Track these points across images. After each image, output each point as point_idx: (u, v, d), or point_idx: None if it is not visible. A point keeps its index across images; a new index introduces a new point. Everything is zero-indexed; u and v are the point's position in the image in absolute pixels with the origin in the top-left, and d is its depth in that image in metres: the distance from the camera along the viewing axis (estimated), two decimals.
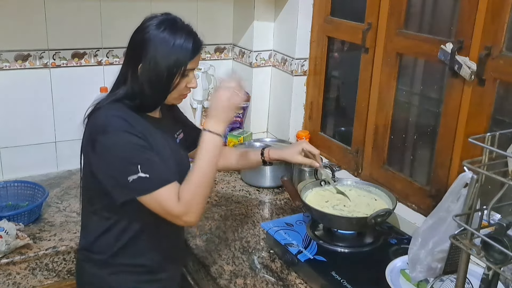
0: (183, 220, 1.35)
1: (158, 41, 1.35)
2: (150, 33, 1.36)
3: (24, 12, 2.07)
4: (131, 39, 1.41)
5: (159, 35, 1.36)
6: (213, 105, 1.42)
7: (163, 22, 1.38)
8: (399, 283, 1.43)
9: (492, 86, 1.50)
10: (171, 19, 1.41)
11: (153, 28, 1.37)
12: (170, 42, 1.36)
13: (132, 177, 1.30)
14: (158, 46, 1.35)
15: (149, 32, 1.37)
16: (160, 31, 1.36)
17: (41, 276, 1.71)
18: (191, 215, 1.34)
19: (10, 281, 1.65)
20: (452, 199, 1.14)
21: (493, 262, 0.95)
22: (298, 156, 1.72)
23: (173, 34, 1.37)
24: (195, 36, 1.42)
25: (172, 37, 1.36)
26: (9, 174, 2.19)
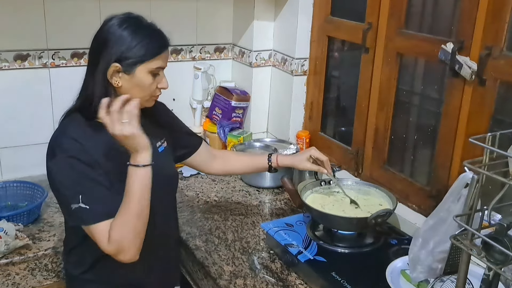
0: (118, 258, 1.30)
1: (119, 40, 1.31)
2: (110, 33, 1.32)
3: (23, 11, 2.07)
4: (92, 41, 1.37)
5: (119, 34, 1.32)
6: (120, 140, 1.29)
7: (125, 20, 1.35)
8: (399, 284, 1.43)
9: (492, 86, 1.50)
10: (133, 18, 1.37)
11: (114, 28, 1.33)
12: (130, 39, 1.31)
13: (74, 205, 1.28)
14: (118, 45, 1.31)
15: (109, 32, 1.33)
16: (121, 29, 1.32)
17: (40, 277, 1.70)
18: (124, 254, 1.29)
19: (10, 281, 1.65)
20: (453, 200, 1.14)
21: (494, 262, 0.95)
22: (306, 162, 1.71)
23: (134, 32, 1.32)
24: (160, 33, 1.38)
25: (133, 35, 1.32)
26: (8, 174, 2.19)
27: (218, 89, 2.60)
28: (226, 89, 2.55)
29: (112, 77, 1.33)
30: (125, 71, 1.33)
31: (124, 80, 1.34)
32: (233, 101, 2.49)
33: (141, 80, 1.34)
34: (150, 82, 1.36)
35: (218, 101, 2.56)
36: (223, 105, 2.53)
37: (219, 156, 1.78)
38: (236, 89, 2.56)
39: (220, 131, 2.48)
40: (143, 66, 1.33)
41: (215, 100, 2.59)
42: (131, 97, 1.29)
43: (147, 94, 1.38)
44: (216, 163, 1.76)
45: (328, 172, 1.72)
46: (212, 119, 2.59)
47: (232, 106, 2.50)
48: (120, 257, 1.30)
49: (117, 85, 1.34)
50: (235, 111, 2.52)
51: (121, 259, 1.30)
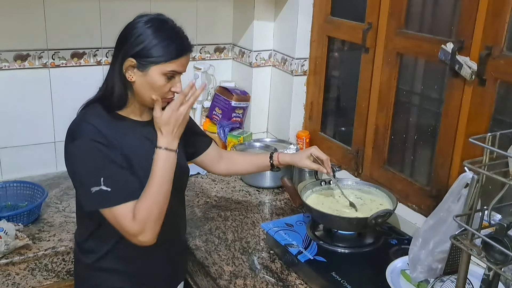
0: (138, 239, 1.32)
1: (140, 36, 1.33)
2: (134, 28, 1.35)
3: (23, 11, 2.07)
4: (119, 34, 1.40)
5: (142, 31, 1.34)
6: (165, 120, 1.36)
7: (152, 20, 1.37)
8: (399, 284, 1.43)
9: (492, 86, 1.50)
10: (162, 19, 1.39)
11: (140, 25, 1.35)
12: (151, 39, 1.33)
13: (94, 188, 1.30)
14: (138, 41, 1.33)
15: (134, 27, 1.35)
16: (146, 27, 1.34)
17: (40, 277, 1.70)
18: (146, 234, 1.32)
19: (10, 281, 1.65)
20: (453, 200, 1.14)
21: (494, 262, 0.95)
22: (307, 160, 1.71)
23: (156, 31, 1.34)
24: (183, 38, 1.39)
25: (154, 35, 1.34)
26: (8, 174, 2.19)
27: (218, 89, 2.60)
28: (226, 89, 2.55)
29: (127, 71, 1.36)
30: (139, 68, 1.35)
31: (137, 76, 1.36)
32: (233, 101, 2.49)
33: (153, 80, 1.36)
34: (163, 84, 1.37)
35: (218, 101, 2.56)
36: (223, 105, 2.53)
37: (225, 157, 1.79)
38: (236, 89, 2.56)
39: (220, 131, 2.48)
40: (157, 67, 1.35)
41: (215, 100, 2.59)
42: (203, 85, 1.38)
43: (158, 95, 1.38)
44: (222, 163, 1.77)
45: (327, 172, 1.71)
46: (212, 119, 2.59)
47: (232, 106, 2.50)
48: (140, 237, 1.31)
49: (130, 79, 1.37)
50: (235, 111, 2.52)
51: (140, 240, 1.32)
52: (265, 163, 1.77)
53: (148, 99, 1.39)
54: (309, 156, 1.72)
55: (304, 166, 1.74)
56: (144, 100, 1.40)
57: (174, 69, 1.37)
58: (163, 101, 1.40)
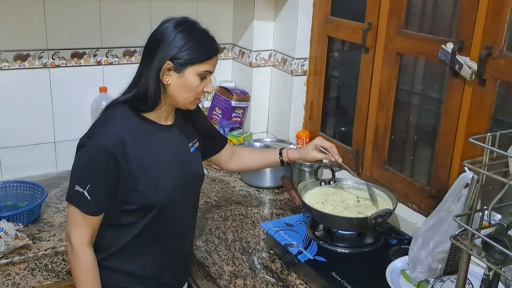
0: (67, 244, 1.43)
1: (174, 40, 1.37)
2: (166, 34, 1.38)
3: (23, 12, 2.07)
4: (148, 39, 1.43)
5: (177, 34, 1.38)
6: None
7: (181, 23, 1.40)
8: (399, 284, 1.43)
9: (492, 86, 1.50)
10: (189, 22, 1.43)
11: (170, 29, 1.39)
12: (185, 42, 1.37)
13: (78, 188, 1.36)
14: (173, 45, 1.37)
15: (165, 33, 1.39)
16: (178, 30, 1.38)
17: (40, 277, 1.70)
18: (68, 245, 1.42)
19: (10, 281, 1.65)
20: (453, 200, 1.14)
21: (494, 262, 0.95)
22: (313, 152, 1.73)
23: (188, 35, 1.38)
24: (212, 39, 1.44)
25: (187, 38, 1.38)
26: (8, 174, 2.19)
27: (218, 89, 2.60)
28: (226, 89, 2.55)
29: (163, 75, 1.39)
30: (176, 70, 1.39)
31: (173, 78, 1.40)
32: (233, 101, 2.49)
33: (189, 80, 1.40)
34: (197, 84, 1.42)
35: (218, 101, 2.56)
36: (223, 105, 2.53)
37: (236, 154, 1.82)
38: (236, 89, 2.56)
39: (220, 131, 2.48)
40: (193, 68, 1.39)
41: (215, 100, 2.59)
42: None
43: (192, 95, 1.43)
44: (234, 161, 1.81)
45: (335, 159, 1.70)
46: (212, 119, 2.59)
47: (232, 106, 2.50)
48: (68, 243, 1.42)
49: (166, 82, 1.40)
50: (235, 111, 2.52)
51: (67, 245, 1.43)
52: (275, 159, 1.80)
53: (181, 100, 1.44)
54: (315, 148, 1.73)
55: (312, 158, 1.75)
56: (177, 102, 1.45)
57: (208, 69, 1.42)
58: (195, 101, 1.47)
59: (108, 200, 1.39)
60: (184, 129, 1.56)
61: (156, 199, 1.43)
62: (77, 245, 1.39)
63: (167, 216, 1.47)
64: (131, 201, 1.41)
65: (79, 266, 1.41)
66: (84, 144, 1.38)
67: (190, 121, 1.60)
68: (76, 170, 1.40)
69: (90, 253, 1.41)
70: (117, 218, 1.43)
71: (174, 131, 1.51)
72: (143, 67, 1.42)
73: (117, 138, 1.36)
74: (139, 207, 1.42)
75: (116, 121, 1.40)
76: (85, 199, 1.36)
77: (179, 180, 1.48)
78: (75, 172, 1.40)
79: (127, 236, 1.45)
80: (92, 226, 1.40)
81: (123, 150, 1.36)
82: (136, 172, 1.39)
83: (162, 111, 1.46)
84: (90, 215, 1.38)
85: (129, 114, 1.42)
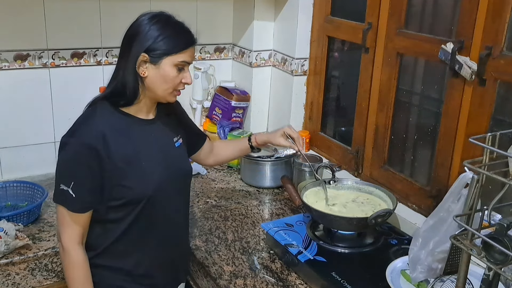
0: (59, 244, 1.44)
1: (148, 32, 1.38)
2: (141, 26, 1.39)
3: (24, 12, 2.07)
4: (124, 34, 1.43)
5: (149, 27, 1.38)
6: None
7: (156, 16, 1.41)
8: (399, 284, 1.43)
9: (492, 86, 1.50)
10: (164, 15, 1.43)
11: (144, 22, 1.39)
12: (159, 33, 1.38)
13: (62, 186, 1.38)
14: (147, 37, 1.37)
15: (140, 25, 1.39)
16: (152, 22, 1.39)
17: (40, 277, 1.70)
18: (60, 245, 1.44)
19: (10, 281, 1.65)
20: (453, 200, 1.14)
21: (494, 262, 0.95)
22: (280, 138, 1.77)
23: (163, 26, 1.39)
24: (187, 30, 1.44)
25: (162, 29, 1.38)
26: (8, 174, 2.19)
27: (218, 89, 2.60)
28: (226, 89, 2.55)
29: (140, 67, 1.40)
30: (152, 62, 1.39)
31: (150, 70, 1.40)
32: (233, 101, 2.49)
33: (166, 72, 1.41)
34: (175, 75, 1.42)
35: (218, 101, 2.56)
36: (223, 105, 2.53)
37: (213, 149, 1.85)
38: (236, 89, 2.55)
39: (220, 131, 2.48)
40: (169, 59, 1.40)
41: (215, 100, 2.59)
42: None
43: (170, 87, 1.44)
44: (211, 156, 1.84)
45: (298, 149, 1.75)
46: (212, 119, 2.59)
47: (232, 106, 2.50)
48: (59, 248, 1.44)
49: (143, 74, 1.40)
50: (235, 111, 2.52)
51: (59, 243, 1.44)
52: (245, 145, 1.83)
53: (160, 92, 1.44)
54: (283, 134, 1.77)
55: (277, 143, 1.79)
56: (156, 94, 1.44)
57: (185, 60, 1.42)
58: (174, 93, 1.46)
59: (94, 196, 1.39)
60: (168, 124, 1.56)
61: (142, 192, 1.42)
62: (67, 245, 1.40)
63: (155, 210, 1.46)
64: (118, 196, 1.41)
65: (70, 265, 1.41)
66: (66, 142, 1.39)
67: (173, 117, 1.61)
68: (60, 168, 1.41)
69: (81, 252, 1.42)
70: (105, 214, 1.43)
71: (156, 125, 1.52)
72: (120, 62, 1.43)
73: (98, 134, 1.37)
74: (126, 202, 1.42)
75: (97, 117, 1.40)
76: (70, 197, 1.36)
77: (164, 173, 1.48)
78: (59, 170, 1.41)
79: (116, 232, 1.45)
80: (81, 224, 1.41)
81: (105, 145, 1.37)
82: (120, 167, 1.39)
83: (142, 105, 1.46)
84: (77, 213, 1.39)
85: (110, 109, 1.43)
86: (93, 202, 1.40)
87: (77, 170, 1.37)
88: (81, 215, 1.40)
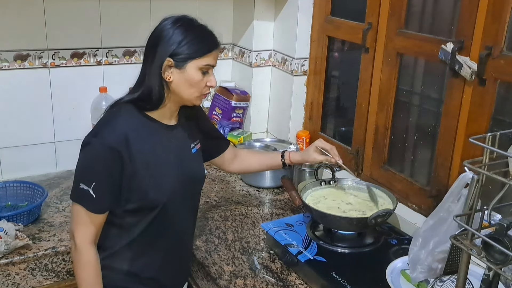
0: (71, 241, 1.43)
1: (172, 37, 1.38)
2: (165, 31, 1.39)
3: (24, 11, 2.07)
4: (148, 38, 1.43)
5: (175, 30, 1.38)
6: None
7: (179, 20, 1.41)
8: (399, 284, 1.43)
9: (492, 86, 1.50)
10: (187, 18, 1.44)
11: (168, 26, 1.39)
12: (183, 37, 1.38)
13: (83, 186, 1.37)
14: (171, 41, 1.38)
15: (163, 30, 1.39)
16: (176, 27, 1.39)
17: (40, 277, 1.70)
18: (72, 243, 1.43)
19: (10, 281, 1.65)
20: (453, 200, 1.14)
21: (494, 262, 0.95)
22: (315, 154, 1.75)
23: (186, 30, 1.39)
24: (211, 33, 1.45)
25: (186, 33, 1.38)
26: (8, 174, 2.19)
27: (218, 89, 2.60)
28: (226, 89, 2.55)
29: (165, 72, 1.40)
30: (177, 66, 1.39)
31: (175, 74, 1.40)
32: (233, 101, 2.49)
33: (191, 75, 1.40)
34: (200, 78, 1.42)
35: (218, 101, 2.56)
36: (223, 105, 2.53)
37: (238, 156, 1.82)
38: (236, 89, 2.55)
39: (220, 131, 2.48)
40: (193, 63, 1.40)
41: (215, 100, 2.59)
42: None
43: (196, 90, 1.44)
44: (235, 163, 1.82)
45: (336, 160, 1.72)
46: (212, 119, 2.59)
47: (232, 106, 2.50)
48: (72, 242, 1.43)
49: (168, 79, 1.40)
50: (235, 111, 2.52)
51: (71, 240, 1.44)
52: (277, 162, 1.81)
53: (186, 96, 1.44)
54: (316, 149, 1.75)
55: (313, 160, 1.77)
56: (182, 98, 1.45)
57: (209, 63, 1.42)
58: (200, 96, 1.47)
59: (113, 198, 1.39)
60: (187, 129, 1.56)
61: (157, 199, 1.43)
62: (81, 244, 1.39)
63: (168, 216, 1.47)
64: (134, 200, 1.41)
65: (82, 264, 1.41)
66: (89, 142, 1.38)
67: (194, 122, 1.61)
68: (81, 168, 1.40)
69: (93, 252, 1.41)
70: (121, 217, 1.43)
71: (177, 131, 1.52)
72: (145, 67, 1.42)
73: (121, 136, 1.37)
74: (141, 206, 1.42)
75: (121, 119, 1.40)
76: (90, 197, 1.36)
77: (179, 180, 1.48)
78: (80, 170, 1.40)
79: (129, 236, 1.45)
80: (97, 225, 1.40)
81: (127, 148, 1.36)
82: (139, 170, 1.39)
83: (166, 109, 1.46)
84: (95, 213, 1.39)
85: (134, 112, 1.43)
86: (112, 204, 1.40)
87: (98, 171, 1.37)
88: (98, 215, 1.39)
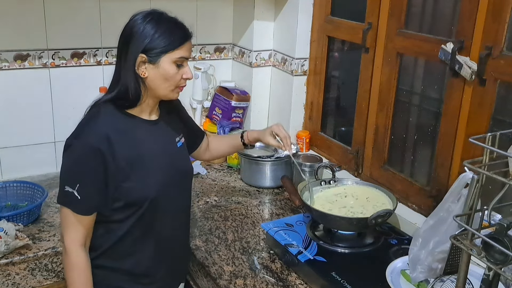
0: (62, 243, 1.44)
1: (143, 32, 1.37)
2: (135, 27, 1.39)
3: (24, 12, 2.07)
4: (120, 36, 1.43)
5: (143, 27, 1.38)
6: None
7: (148, 15, 1.40)
8: (399, 284, 1.43)
9: (492, 86, 1.50)
10: (157, 12, 1.43)
11: (138, 22, 1.39)
12: (154, 31, 1.37)
13: (67, 188, 1.37)
14: (143, 37, 1.37)
15: (134, 26, 1.39)
16: (146, 22, 1.38)
17: (40, 277, 1.70)
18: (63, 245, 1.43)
19: (10, 281, 1.65)
20: (453, 200, 1.14)
21: (494, 262, 0.95)
22: (269, 137, 1.77)
23: (157, 24, 1.38)
24: (181, 25, 1.44)
25: (156, 27, 1.38)
26: (8, 174, 2.19)
27: (218, 89, 2.60)
28: (226, 89, 2.55)
29: (139, 68, 1.40)
30: (150, 62, 1.39)
31: (149, 70, 1.40)
32: (233, 101, 2.49)
33: (165, 70, 1.40)
34: (175, 72, 1.42)
35: (218, 101, 2.56)
36: (223, 105, 2.53)
37: (209, 143, 1.86)
38: (236, 89, 2.55)
39: (220, 131, 2.48)
40: (167, 57, 1.40)
41: (215, 100, 2.59)
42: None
43: (171, 84, 1.44)
44: (208, 150, 1.85)
45: (285, 149, 1.74)
46: (212, 119, 2.59)
47: (232, 106, 2.50)
48: (62, 249, 1.43)
49: (143, 75, 1.40)
50: (235, 111, 2.52)
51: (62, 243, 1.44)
52: (238, 142, 1.84)
53: (162, 91, 1.44)
54: (271, 133, 1.77)
55: (266, 142, 1.79)
56: (159, 93, 1.44)
57: (182, 55, 1.42)
58: (176, 90, 1.46)
59: (99, 198, 1.39)
60: (170, 124, 1.56)
61: (145, 194, 1.43)
62: (69, 246, 1.40)
63: (157, 211, 1.47)
64: (121, 197, 1.41)
65: (71, 267, 1.41)
66: (70, 143, 1.38)
67: (175, 115, 1.61)
68: (64, 170, 1.40)
69: (83, 255, 1.41)
70: (109, 215, 1.43)
71: (160, 126, 1.52)
72: (119, 65, 1.43)
73: (103, 135, 1.37)
74: (128, 203, 1.42)
75: (100, 119, 1.40)
76: (76, 199, 1.36)
77: (167, 174, 1.48)
78: (64, 172, 1.40)
79: (118, 232, 1.45)
80: (85, 226, 1.40)
81: (109, 146, 1.36)
82: (123, 168, 1.39)
83: (145, 105, 1.46)
84: (82, 215, 1.38)
85: (113, 111, 1.43)
86: (99, 204, 1.40)
87: (82, 171, 1.37)
88: (86, 217, 1.39)
